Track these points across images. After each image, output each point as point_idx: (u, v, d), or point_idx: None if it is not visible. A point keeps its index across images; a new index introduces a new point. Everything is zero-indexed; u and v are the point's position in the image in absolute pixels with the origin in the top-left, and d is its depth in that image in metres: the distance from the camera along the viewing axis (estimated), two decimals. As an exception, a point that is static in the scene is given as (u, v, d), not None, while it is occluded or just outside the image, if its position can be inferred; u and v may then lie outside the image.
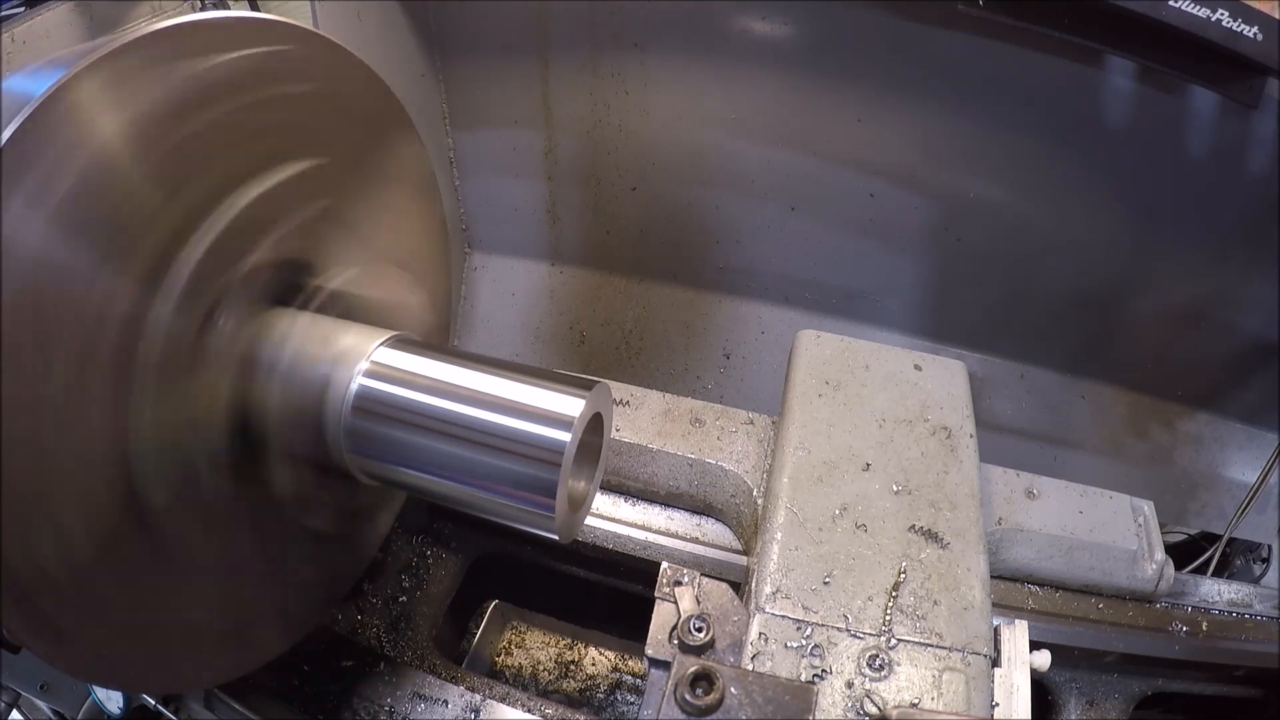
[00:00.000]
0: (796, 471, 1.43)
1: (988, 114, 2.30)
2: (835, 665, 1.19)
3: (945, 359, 1.67)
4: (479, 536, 1.87)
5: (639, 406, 1.74)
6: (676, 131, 2.63)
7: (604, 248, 2.99)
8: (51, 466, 0.90)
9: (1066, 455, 2.77)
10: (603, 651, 2.21)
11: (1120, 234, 2.41)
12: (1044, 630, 1.64)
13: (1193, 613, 1.79)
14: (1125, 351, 2.66)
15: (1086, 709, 1.75)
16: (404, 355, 1.17)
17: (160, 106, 0.97)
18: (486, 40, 2.62)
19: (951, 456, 1.48)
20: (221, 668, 1.28)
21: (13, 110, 0.85)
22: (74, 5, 1.95)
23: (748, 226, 2.77)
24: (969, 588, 1.29)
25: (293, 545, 1.30)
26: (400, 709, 1.47)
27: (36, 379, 0.87)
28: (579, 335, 3.09)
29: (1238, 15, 1.72)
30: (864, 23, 2.23)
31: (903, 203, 2.55)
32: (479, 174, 2.93)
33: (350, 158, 1.30)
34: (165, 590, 1.09)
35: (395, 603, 1.73)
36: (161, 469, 1.03)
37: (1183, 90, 2.06)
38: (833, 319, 2.87)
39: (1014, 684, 1.20)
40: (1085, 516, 1.67)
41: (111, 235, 0.93)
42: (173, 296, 1.00)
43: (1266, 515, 2.39)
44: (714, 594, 1.26)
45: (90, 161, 0.90)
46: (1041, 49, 2.09)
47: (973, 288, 2.68)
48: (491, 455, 1.09)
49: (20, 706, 1.83)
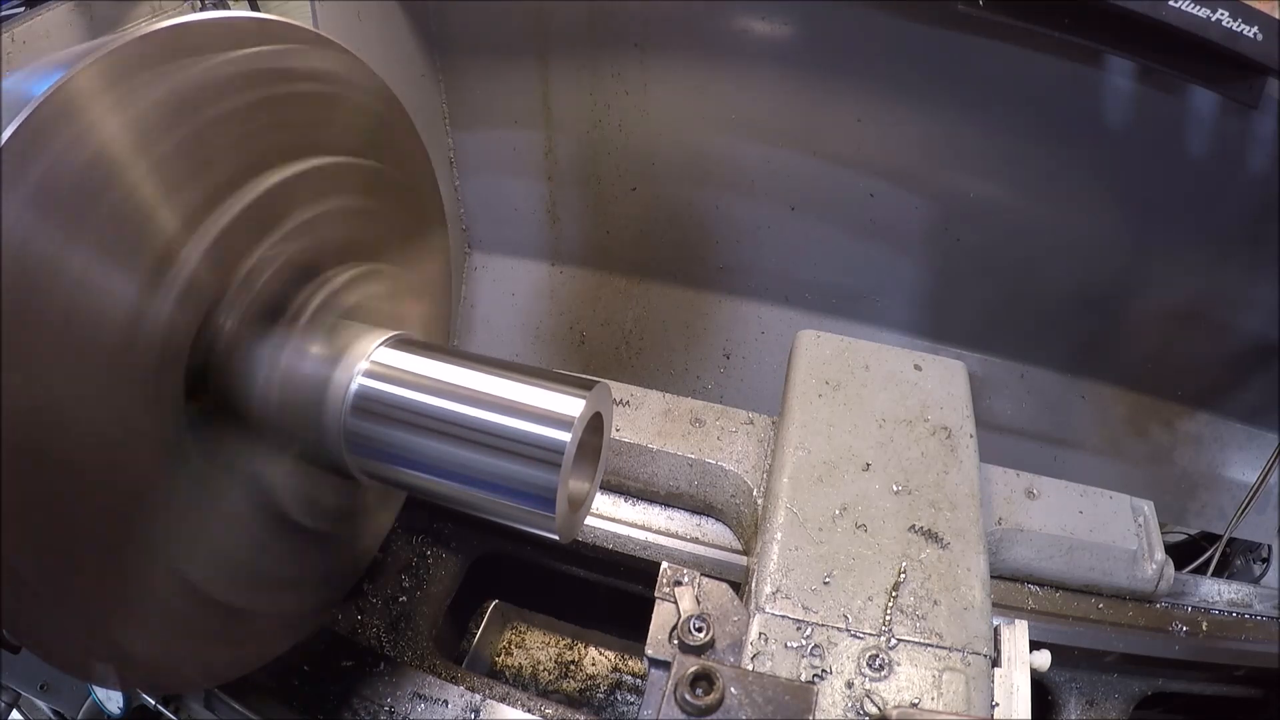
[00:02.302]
0: (796, 471, 1.43)
1: (988, 114, 2.29)
2: (835, 665, 1.19)
3: (945, 359, 1.67)
4: (479, 536, 1.87)
5: (639, 406, 1.74)
6: (676, 131, 2.63)
7: (604, 248, 2.99)
8: (51, 465, 0.90)
9: (1066, 455, 2.77)
10: (603, 651, 2.21)
11: (1120, 234, 2.41)
12: (1044, 630, 1.64)
13: (1193, 613, 1.79)
14: (1125, 351, 2.66)
15: (1086, 709, 1.75)
16: (404, 355, 1.18)
17: (160, 106, 0.97)
18: (486, 40, 2.62)
19: (951, 456, 1.48)
20: (221, 668, 1.28)
21: (13, 110, 0.84)
22: (74, 5, 1.96)
23: (748, 226, 2.77)
24: (969, 588, 1.29)
25: (292, 545, 1.30)
26: (400, 709, 1.47)
27: (36, 378, 0.87)
28: (579, 335, 3.09)
29: (1238, 15, 1.71)
30: (864, 23, 2.23)
31: (903, 203, 2.55)
32: (479, 174, 2.93)
33: (350, 158, 1.29)
34: (165, 590, 1.09)
35: (395, 603, 1.73)
36: (161, 469, 1.03)
37: (1183, 90, 2.06)
38: (833, 319, 2.87)
39: (1014, 684, 1.20)
40: (1085, 516, 1.67)
41: (111, 235, 0.93)
42: (172, 296, 1.00)
43: (1266, 515, 2.39)
44: (714, 594, 1.26)
45: (90, 161, 0.90)
46: (1041, 49, 2.09)
47: (972, 288, 2.68)
48: (491, 455, 1.09)
49: (20, 706, 1.83)
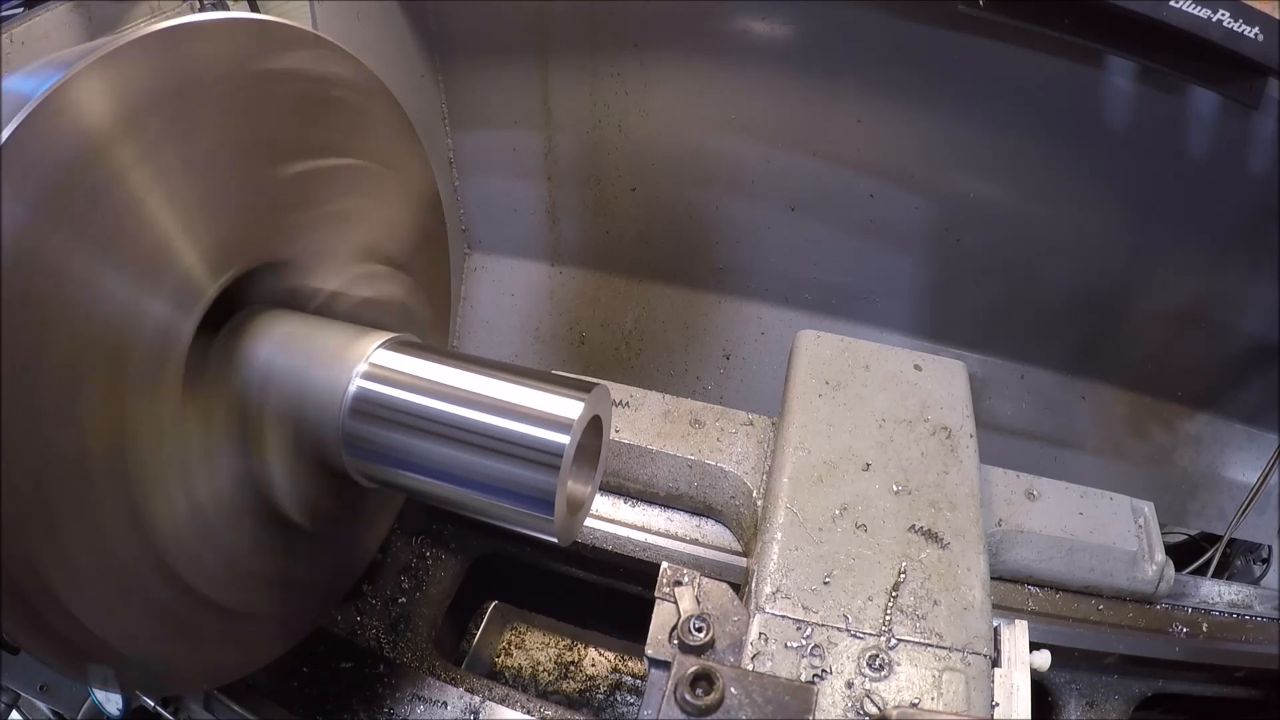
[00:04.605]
0: (796, 471, 1.43)
1: (988, 114, 2.29)
2: (835, 665, 1.19)
3: (945, 359, 1.67)
4: (478, 537, 1.87)
5: (638, 408, 1.74)
6: (676, 131, 2.63)
7: (604, 248, 2.99)
8: (51, 468, 0.90)
9: (1066, 456, 2.77)
10: (602, 652, 2.20)
11: (1120, 234, 2.41)
12: (1044, 631, 1.64)
13: (1193, 614, 1.78)
14: (1125, 351, 2.66)
15: (1087, 710, 1.74)
16: (402, 357, 1.17)
17: (159, 107, 0.97)
18: (486, 40, 2.62)
19: (951, 456, 1.48)
20: (221, 669, 1.28)
21: (13, 110, 0.84)
22: (73, 5, 1.96)
23: (748, 226, 2.77)
24: (969, 588, 1.29)
25: (291, 546, 1.30)
26: (400, 710, 1.47)
27: (35, 380, 0.87)
28: (579, 336, 3.08)
29: (1238, 15, 1.71)
30: (864, 23, 2.22)
31: (903, 203, 2.55)
32: (479, 174, 2.93)
33: (350, 159, 1.29)
34: (164, 592, 1.08)
35: (394, 604, 1.73)
36: (160, 470, 1.03)
37: (1183, 91, 2.06)
38: (833, 319, 2.86)
39: (1014, 684, 1.20)
40: (1085, 518, 1.67)
41: (108, 234, 0.93)
42: (171, 296, 1.00)
43: (1266, 516, 2.39)
44: (714, 594, 1.26)
45: (89, 162, 0.90)
46: (1041, 49, 2.09)
47: (973, 288, 2.68)
48: (490, 458, 1.09)
49: (20, 707, 1.82)
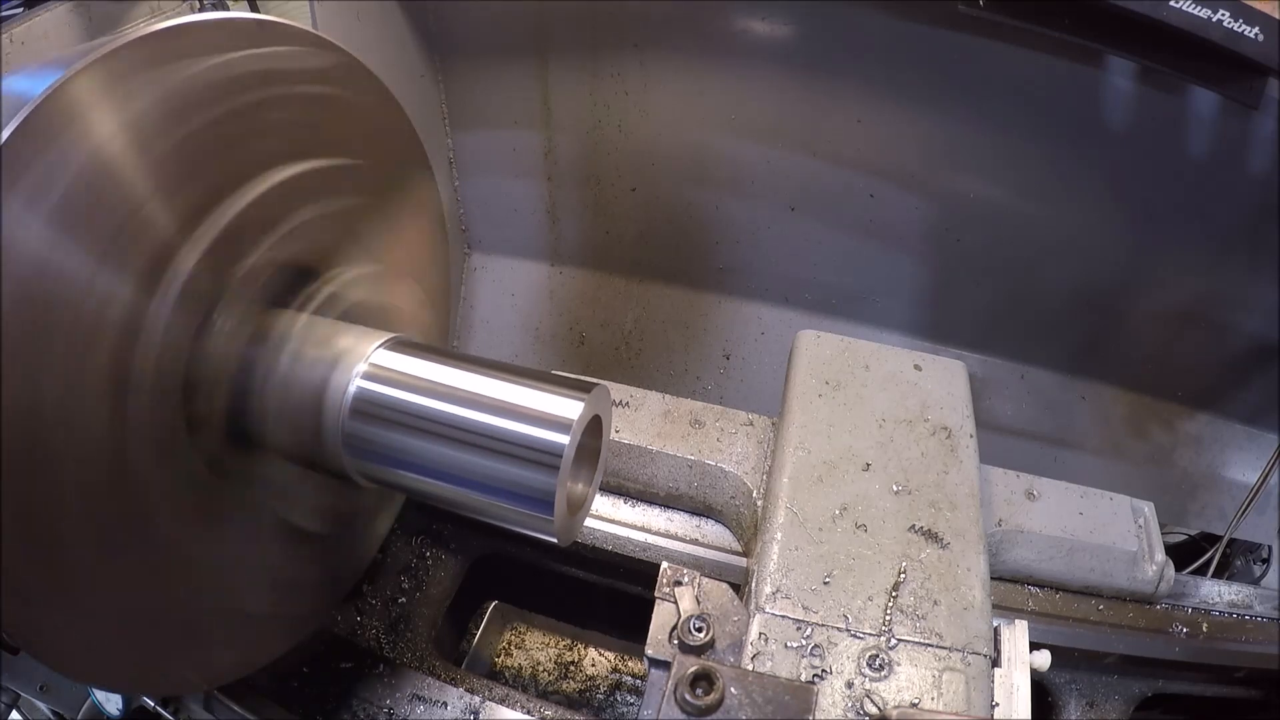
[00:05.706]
0: (796, 471, 1.43)
1: (988, 114, 2.29)
2: (835, 665, 1.18)
3: (945, 359, 1.67)
4: (478, 538, 1.87)
5: (638, 408, 1.74)
6: (676, 131, 2.63)
7: (604, 248, 2.99)
8: (50, 467, 0.90)
9: (1067, 456, 2.77)
10: (602, 652, 2.20)
11: (1120, 234, 2.41)
12: (1044, 631, 1.64)
13: (1193, 614, 1.78)
14: (1125, 351, 2.66)
15: (1087, 710, 1.74)
16: (402, 357, 1.17)
17: (159, 107, 0.97)
18: (486, 40, 2.61)
19: (951, 456, 1.48)
20: (220, 669, 1.28)
21: (12, 110, 0.85)
22: (73, 5, 1.95)
23: (748, 226, 2.77)
24: (969, 588, 1.29)
25: (291, 547, 1.30)
26: (399, 710, 1.47)
27: (36, 379, 0.87)
28: (579, 336, 3.08)
29: (1238, 15, 1.71)
30: (864, 23, 2.22)
31: (903, 203, 2.54)
32: (479, 174, 2.93)
33: (349, 159, 1.29)
34: (163, 592, 1.08)
35: (394, 604, 1.73)
36: (160, 470, 1.03)
37: (1183, 91, 2.06)
38: (833, 319, 2.86)
39: (1014, 684, 1.20)
40: (1085, 518, 1.67)
41: (109, 235, 0.93)
42: (170, 297, 1.00)
43: (1266, 516, 2.39)
44: (714, 594, 1.26)
45: (89, 161, 0.90)
46: (1041, 49, 2.08)
47: (973, 288, 2.68)
48: (490, 458, 1.09)
49: (20, 707, 1.83)
